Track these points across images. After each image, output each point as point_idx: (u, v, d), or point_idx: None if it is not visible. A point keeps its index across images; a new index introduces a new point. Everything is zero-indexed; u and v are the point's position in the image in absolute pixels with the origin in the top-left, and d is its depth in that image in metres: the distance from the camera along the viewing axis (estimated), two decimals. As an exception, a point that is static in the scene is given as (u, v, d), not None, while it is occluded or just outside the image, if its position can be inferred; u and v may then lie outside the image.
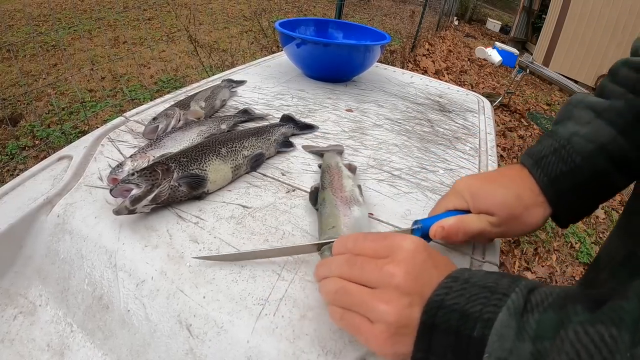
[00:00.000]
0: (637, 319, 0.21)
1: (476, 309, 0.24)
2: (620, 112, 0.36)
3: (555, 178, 0.36)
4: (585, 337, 0.21)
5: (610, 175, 0.35)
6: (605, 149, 0.35)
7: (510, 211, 0.36)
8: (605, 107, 0.37)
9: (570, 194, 0.36)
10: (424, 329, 0.25)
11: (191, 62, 2.92)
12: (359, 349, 0.30)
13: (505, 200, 0.36)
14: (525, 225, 0.36)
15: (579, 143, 0.36)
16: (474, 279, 0.26)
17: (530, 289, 0.25)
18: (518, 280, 0.26)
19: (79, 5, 4.29)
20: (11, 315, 0.38)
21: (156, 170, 0.40)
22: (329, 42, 0.73)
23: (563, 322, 0.22)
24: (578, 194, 0.36)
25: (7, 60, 2.80)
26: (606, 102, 0.37)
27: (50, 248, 0.40)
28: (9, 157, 1.84)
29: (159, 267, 0.35)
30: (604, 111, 0.37)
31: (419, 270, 0.27)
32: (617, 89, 0.37)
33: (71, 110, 2.27)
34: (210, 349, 0.31)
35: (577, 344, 0.21)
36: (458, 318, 0.25)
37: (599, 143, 0.35)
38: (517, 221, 0.36)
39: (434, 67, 3.92)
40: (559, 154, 0.36)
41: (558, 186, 0.36)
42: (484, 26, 7.55)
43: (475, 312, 0.24)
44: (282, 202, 0.44)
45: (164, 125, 0.54)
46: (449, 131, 0.67)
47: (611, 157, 0.35)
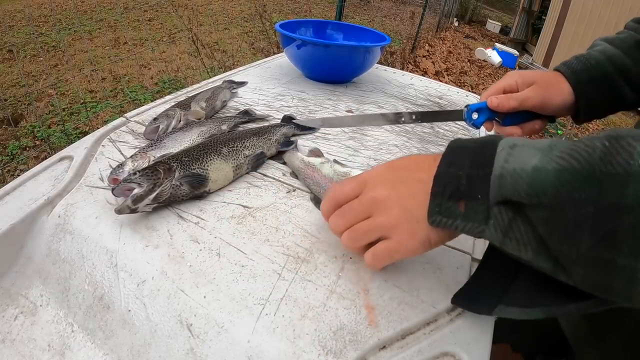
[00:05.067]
0: None
1: (488, 136, 0.29)
2: (623, 40, 0.50)
3: (576, 71, 0.49)
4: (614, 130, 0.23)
5: (616, 81, 0.47)
6: (611, 59, 0.48)
7: (547, 80, 0.49)
8: (613, 38, 0.51)
9: (587, 84, 0.48)
10: (448, 151, 0.30)
11: (192, 63, 2.93)
12: (359, 349, 0.30)
13: (543, 74, 0.50)
14: (556, 96, 0.48)
15: (593, 53, 0.50)
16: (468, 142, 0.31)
17: None
18: None
19: (80, 6, 4.29)
20: (12, 315, 0.38)
21: (158, 170, 0.40)
22: (329, 43, 0.73)
23: None
24: (593, 86, 0.48)
25: (7, 61, 2.81)
26: (614, 35, 0.52)
27: (51, 248, 0.40)
28: (10, 157, 1.84)
29: (160, 267, 0.35)
30: (613, 40, 0.51)
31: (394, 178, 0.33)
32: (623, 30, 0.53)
33: (72, 110, 2.28)
34: (211, 349, 0.31)
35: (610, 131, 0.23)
36: (475, 141, 0.29)
37: (607, 55, 0.49)
38: (552, 90, 0.48)
39: (434, 69, 3.92)
40: (579, 59, 0.50)
41: (578, 77, 0.48)
42: (483, 27, 7.55)
43: (487, 137, 0.29)
44: (282, 202, 0.44)
45: (165, 125, 0.54)
46: (449, 132, 0.67)
47: (616, 66, 0.48)
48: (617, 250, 0.20)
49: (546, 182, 0.23)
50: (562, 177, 0.22)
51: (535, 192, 0.23)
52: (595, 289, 0.22)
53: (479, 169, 0.27)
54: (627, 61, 0.47)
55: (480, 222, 0.26)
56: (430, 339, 0.31)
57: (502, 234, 0.25)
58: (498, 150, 0.26)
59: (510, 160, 0.25)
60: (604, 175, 0.21)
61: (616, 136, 0.22)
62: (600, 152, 0.21)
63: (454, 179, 0.28)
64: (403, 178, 0.32)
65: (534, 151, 0.25)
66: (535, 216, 0.24)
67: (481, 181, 0.26)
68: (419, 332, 0.32)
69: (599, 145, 0.22)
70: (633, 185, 0.20)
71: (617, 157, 0.21)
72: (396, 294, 0.34)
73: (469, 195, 0.27)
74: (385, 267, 0.37)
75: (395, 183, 0.32)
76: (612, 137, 0.22)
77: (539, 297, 0.27)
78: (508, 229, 0.25)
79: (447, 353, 0.31)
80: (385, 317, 0.32)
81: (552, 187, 0.22)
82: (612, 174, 0.20)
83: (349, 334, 0.31)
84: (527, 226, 0.24)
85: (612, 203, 0.20)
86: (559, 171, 0.22)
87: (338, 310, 0.33)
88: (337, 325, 0.31)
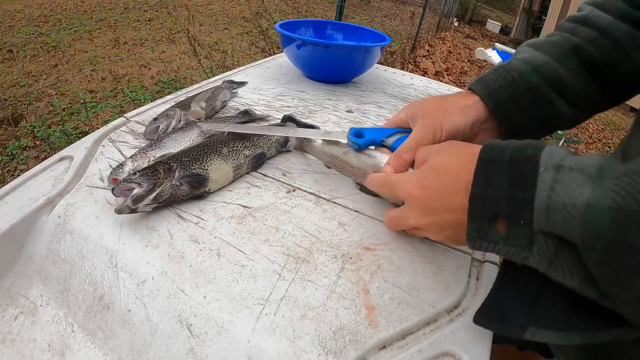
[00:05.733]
0: None
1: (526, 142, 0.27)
2: (555, 44, 0.41)
3: (493, 90, 0.40)
4: None
5: (547, 93, 0.39)
6: (539, 70, 0.39)
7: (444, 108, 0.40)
8: (542, 42, 0.42)
9: (508, 103, 0.39)
10: (480, 166, 0.28)
11: (192, 63, 2.93)
12: (359, 349, 0.30)
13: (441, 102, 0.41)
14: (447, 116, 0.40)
15: (515, 64, 0.40)
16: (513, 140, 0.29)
17: None
18: None
19: (80, 6, 4.30)
20: (12, 315, 0.38)
21: (158, 170, 0.40)
22: (329, 43, 0.73)
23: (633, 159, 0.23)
24: (517, 105, 0.39)
25: (7, 61, 2.81)
26: (544, 39, 0.42)
27: (51, 248, 0.40)
28: (10, 157, 1.84)
29: (160, 267, 0.35)
30: (541, 45, 0.42)
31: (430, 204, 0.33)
32: (554, 32, 0.43)
33: (72, 110, 2.28)
34: (211, 349, 0.31)
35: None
36: (511, 151, 0.27)
37: (533, 65, 0.39)
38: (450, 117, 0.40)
39: (434, 69, 3.92)
40: (499, 72, 0.41)
41: (497, 95, 0.39)
42: (483, 27, 7.56)
43: (525, 144, 0.27)
44: (282, 202, 0.44)
45: (165, 125, 0.54)
46: (449, 132, 0.67)
47: (545, 77, 0.39)
48: None
49: (602, 225, 0.21)
50: (619, 219, 0.20)
51: (589, 236, 0.21)
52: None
53: (520, 191, 0.25)
54: (560, 70, 0.38)
55: (523, 249, 0.25)
56: (430, 339, 0.31)
57: (548, 263, 0.24)
58: (541, 170, 0.24)
59: (557, 190, 0.23)
60: None
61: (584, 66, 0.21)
62: None
63: (492, 201, 0.26)
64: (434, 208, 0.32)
65: (584, 178, 0.22)
66: (587, 257, 0.22)
67: (523, 205, 0.24)
68: (419, 332, 0.32)
69: None
70: None
71: None
72: (396, 294, 0.35)
73: (510, 219, 0.25)
74: (385, 267, 0.37)
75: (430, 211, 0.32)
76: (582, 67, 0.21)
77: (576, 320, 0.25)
78: (554, 258, 0.24)
79: (447, 353, 0.31)
80: (385, 317, 0.32)
81: (608, 231, 0.21)
82: None
83: (349, 334, 0.31)
84: (575, 258, 0.23)
85: None
86: (616, 211, 0.20)
87: (338, 310, 0.33)
88: (337, 325, 0.31)
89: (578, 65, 0.38)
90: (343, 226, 0.41)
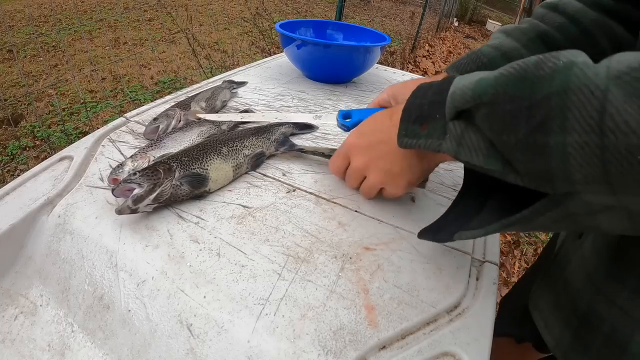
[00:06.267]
0: None
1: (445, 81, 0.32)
2: (523, 31, 0.45)
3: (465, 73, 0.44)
4: None
5: None
6: (506, 55, 0.43)
7: None
8: (512, 29, 0.46)
9: None
10: (413, 92, 0.34)
11: (192, 63, 2.93)
12: (359, 349, 0.30)
13: None
14: None
15: (486, 50, 0.45)
16: None
17: None
18: None
19: (80, 6, 4.30)
20: (12, 315, 0.38)
21: (158, 170, 0.40)
22: (329, 43, 0.73)
23: None
24: None
25: (7, 61, 2.81)
26: (514, 26, 0.47)
27: (51, 248, 0.40)
28: (10, 157, 1.84)
29: (160, 267, 0.35)
30: (512, 32, 0.46)
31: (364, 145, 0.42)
32: (527, 19, 0.47)
33: (72, 110, 2.28)
34: (211, 349, 0.31)
35: None
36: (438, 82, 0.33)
37: (502, 51, 0.44)
38: None
39: (434, 68, 3.92)
40: (470, 58, 0.46)
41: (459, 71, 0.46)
42: (484, 27, 7.55)
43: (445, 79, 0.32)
44: (282, 202, 0.44)
45: (165, 125, 0.54)
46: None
47: None
48: (549, 131, 0.23)
49: (487, 86, 0.26)
50: (500, 80, 0.26)
51: (478, 95, 0.27)
52: (539, 179, 0.24)
53: (439, 95, 0.31)
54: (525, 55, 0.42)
55: (438, 138, 0.31)
56: (430, 339, 0.31)
57: (457, 144, 0.29)
58: (455, 80, 0.30)
59: (461, 80, 0.29)
60: (536, 77, 0.24)
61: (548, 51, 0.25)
62: (534, 61, 0.25)
63: (418, 107, 0.33)
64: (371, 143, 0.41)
65: (482, 73, 0.28)
66: (479, 115, 0.27)
67: (439, 104, 0.31)
68: (419, 332, 0.32)
69: (534, 58, 0.25)
70: (558, 77, 0.23)
71: (547, 62, 0.24)
72: (396, 294, 0.34)
73: (430, 117, 0.31)
74: (384, 267, 0.37)
75: (367, 149, 0.41)
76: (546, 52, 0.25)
77: (496, 215, 0.29)
78: (461, 138, 0.29)
79: (447, 353, 0.31)
80: (385, 317, 0.32)
81: (491, 88, 0.26)
82: (543, 75, 0.24)
83: (349, 334, 0.31)
84: (477, 134, 0.28)
85: (543, 95, 0.23)
86: (498, 77, 0.26)
87: (338, 310, 0.33)
88: (337, 325, 0.31)
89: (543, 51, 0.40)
90: (343, 226, 0.41)
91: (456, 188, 0.51)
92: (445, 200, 0.48)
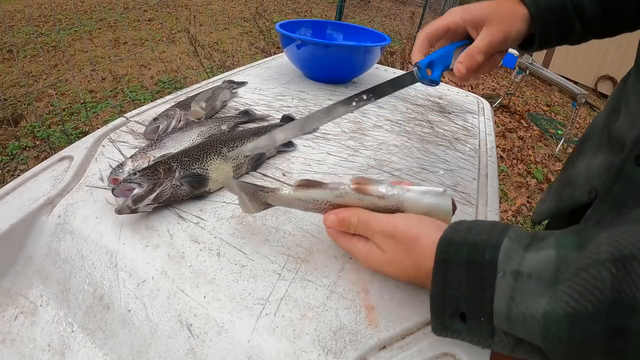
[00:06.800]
0: None
1: (483, 238, 0.27)
2: None
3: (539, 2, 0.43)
4: (619, 233, 0.23)
5: (571, 13, 0.43)
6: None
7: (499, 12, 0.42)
8: None
9: (546, 12, 0.42)
10: (438, 264, 0.28)
11: (192, 63, 2.93)
12: (359, 349, 0.30)
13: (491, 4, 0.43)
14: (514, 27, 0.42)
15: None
16: (476, 222, 0.30)
17: (526, 229, 0.28)
18: (513, 225, 0.30)
19: (80, 6, 4.30)
20: (12, 315, 0.38)
21: (158, 170, 0.40)
22: (329, 43, 0.73)
23: (587, 238, 0.24)
24: (551, 14, 0.43)
25: (7, 61, 2.81)
26: None
27: (51, 248, 0.40)
28: (10, 157, 1.84)
29: (160, 267, 0.35)
30: None
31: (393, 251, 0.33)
32: None
33: (72, 110, 2.28)
34: (211, 349, 0.31)
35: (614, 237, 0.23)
36: (468, 249, 0.27)
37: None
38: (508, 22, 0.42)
39: (434, 68, 3.92)
40: None
41: (538, 3, 0.42)
42: (484, 27, 7.54)
43: (483, 241, 0.27)
44: (282, 202, 0.44)
45: (165, 125, 0.54)
46: (449, 132, 0.67)
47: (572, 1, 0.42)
48: None
49: (561, 331, 0.22)
50: (576, 323, 0.22)
51: (551, 342, 0.23)
52: None
53: (479, 293, 0.26)
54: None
55: (485, 338, 0.27)
56: (430, 339, 0.31)
57: (510, 350, 0.26)
58: (499, 276, 0.25)
59: (517, 300, 0.24)
60: (613, 303, 0.21)
61: (622, 259, 0.22)
62: (609, 284, 0.21)
63: (452, 301, 0.27)
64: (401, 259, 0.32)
65: (541, 287, 0.23)
66: (551, 356, 0.24)
67: (482, 305, 0.26)
68: (419, 332, 0.32)
69: (607, 276, 0.22)
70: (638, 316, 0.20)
71: (624, 286, 0.21)
72: (396, 294, 0.34)
73: (471, 316, 0.27)
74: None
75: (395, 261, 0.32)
76: (619, 261, 0.22)
77: None
78: (514, 348, 0.26)
79: (447, 353, 0.31)
80: (385, 317, 0.32)
81: (567, 335, 0.22)
82: (621, 302, 0.21)
83: (349, 334, 0.31)
84: (535, 347, 0.25)
85: (619, 328, 0.21)
86: (572, 316, 0.22)
87: (338, 310, 0.33)
88: (337, 325, 0.31)
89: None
90: (343, 226, 0.41)
91: (456, 188, 0.51)
92: (445, 200, 0.48)
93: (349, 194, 0.34)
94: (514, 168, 2.55)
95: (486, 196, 0.51)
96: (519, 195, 2.25)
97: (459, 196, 0.50)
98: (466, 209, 0.48)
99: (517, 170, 2.53)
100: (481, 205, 0.49)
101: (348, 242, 0.35)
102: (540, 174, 2.52)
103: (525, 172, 2.53)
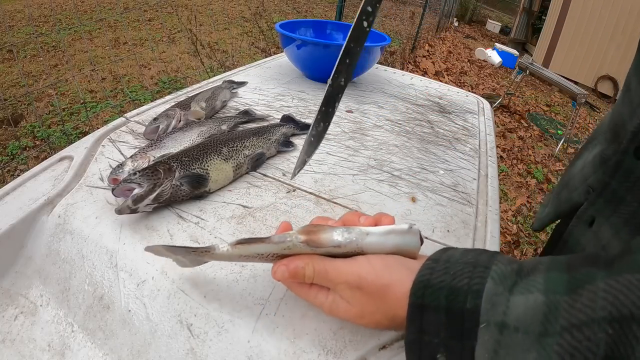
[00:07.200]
0: None
1: (463, 282, 0.24)
2: None
3: None
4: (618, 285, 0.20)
5: None
6: None
7: None
8: None
9: None
10: (413, 311, 0.25)
11: (192, 63, 2.93)
12: (359, 349, 0.30)
13: None
14: None
15: None
16: (454, 258, 0.26)
17: (509, 260, 0.25)
18: (496, 255, 0.26)
19: (80, 6, 4.30)
20: (12, 315, 0.38)
21: (158, 170, 0.40)
22: (329, 43, 0.73)
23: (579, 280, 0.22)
24: None
25: (7, 61, 2.81)
26: None
27: (51, 248, 0.40)
28: (10, 157, 1.84)
29: (160, 267, 0.35)
30: None
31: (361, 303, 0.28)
32: None
33: (72, 110, 2.28)
34: (211, 349, 0.31)
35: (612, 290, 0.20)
36: (447, 295, 0.25)
37: None
38: None
39: (434, 69, 3.93)
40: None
41: None
42: (483, 27, 7.56)
43: (463, 286, 0.24)
44: (282, 202, 0.44)
45: (165, 125, 0.54)
46: (449, 132, 0.67)
47: None
48: None
49: None
50: None
51: None
52: None
53: (459, 342, 0.24)
54: None
55: None
56: (430, 339, 0.31)
57: None
58: (482, 327, 0.23)
59: (501, 355, 0.22)
60: None
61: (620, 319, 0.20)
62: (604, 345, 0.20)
63: (429, 346, 0.25)
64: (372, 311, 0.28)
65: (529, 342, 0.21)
66: None
67: (462, 353, 0.24)
68: (419, 332, 0.32)
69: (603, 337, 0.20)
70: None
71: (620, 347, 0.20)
72: (396, 294, 0.34)
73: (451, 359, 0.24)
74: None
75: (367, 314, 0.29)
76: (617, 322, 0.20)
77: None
78: None
79: (447, 353, 0.31)
80: (385, 317, 0.32)
81: None
82: None
83: (349, 334, 0.31)
84: None
85: None
86: None
87: (338, 310, 0.33)
88: (337, 325, 0.31)
89: None
90: (343, 226, 0.41)
91: (456, 188, 0.51)
92: (445, 200, 0.48)
93: (297, 247, 0.29)
94: (514, 168, 2.56)
95: (486, 196, 0.51)
96: (519, 195, 2.26)
97: (459, 196, 0.50)
98: (466, 209, 0.48)
99: (517, 170, 2.53)
100: (481, 205, 0.49)
101: (307, 294, 0.30)
102: (540, 174, 2.52)
103: (525, 172, 2.53)
